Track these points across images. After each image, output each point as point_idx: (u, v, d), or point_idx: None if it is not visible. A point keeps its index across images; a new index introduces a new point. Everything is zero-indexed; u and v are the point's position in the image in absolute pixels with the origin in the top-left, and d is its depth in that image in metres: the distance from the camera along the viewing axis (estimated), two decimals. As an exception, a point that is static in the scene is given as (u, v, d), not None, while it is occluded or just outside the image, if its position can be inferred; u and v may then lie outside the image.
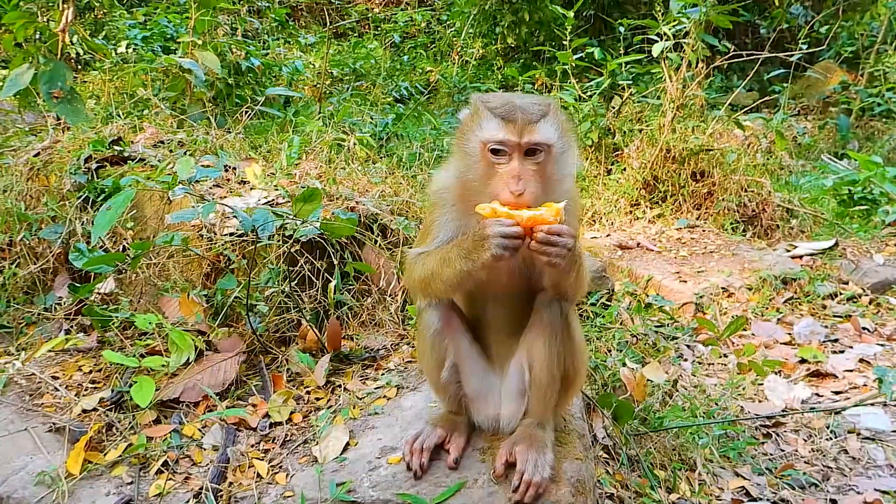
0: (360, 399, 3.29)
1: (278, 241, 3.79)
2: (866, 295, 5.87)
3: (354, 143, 4.81)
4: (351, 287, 4.04)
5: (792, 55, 8.73)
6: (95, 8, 10.85)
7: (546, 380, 2.61)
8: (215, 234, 4.03)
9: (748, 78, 9.40)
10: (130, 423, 3.14)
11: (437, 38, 14.91)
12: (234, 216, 4.00)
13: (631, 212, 7.61)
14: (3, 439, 3.01)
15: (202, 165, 4.08)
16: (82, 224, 4.50)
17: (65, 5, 6.76)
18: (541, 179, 2.38)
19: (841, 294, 5.86)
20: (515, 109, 2.37)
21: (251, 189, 4.39)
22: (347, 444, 2.94)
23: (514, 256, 2.33)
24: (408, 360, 3.62)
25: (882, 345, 5.13)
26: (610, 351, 4.16)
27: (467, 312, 2.81)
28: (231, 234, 3.95)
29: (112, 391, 3.29)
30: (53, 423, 3.10)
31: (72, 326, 4.14)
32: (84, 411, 3.19)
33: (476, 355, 2.80)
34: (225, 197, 4.20)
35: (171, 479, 2.85)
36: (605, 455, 3.44)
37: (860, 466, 3.78)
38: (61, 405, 3.27)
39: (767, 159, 7.97)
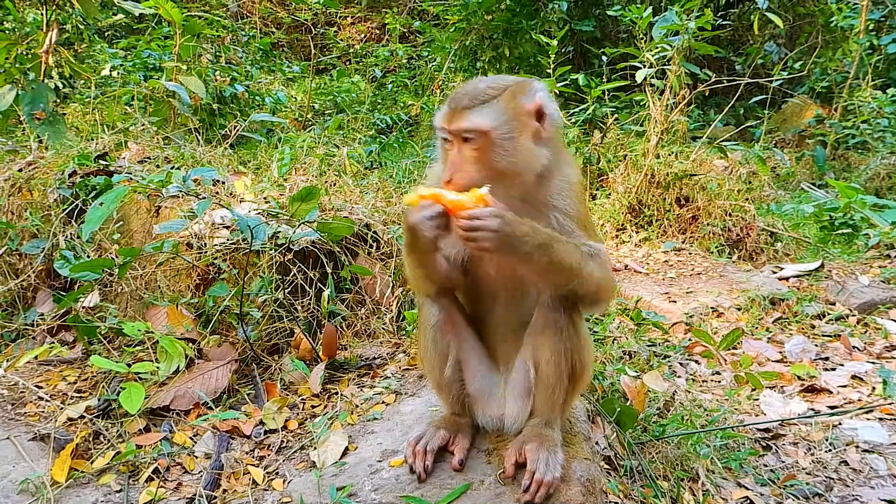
0: (358, 405, 3.19)
1: (271, 247, 3.71)
2: (853, 315, 5.87)
3: (347, 155, 4.78)
4: (345, 297, 3.96)
5: (772, 80, 8.90)
6: (75, 43, 10.82)
7: (553, 377, 2.54)
8: (205, 244, 3.94)
9: (724, 112, 9.57)
10: (118, 431, 3.01)
11: (418, 72, 15.02)
12: (225, 227, 3.94)
13: (617, 236, 7.62)
14: (-16, 448, 2.88)
15: (192, 180, 4.01)
16: (66, 238, 4.39)
17: (49, 27, 6.72)
18: (480, 166, 2.33)
19: (829, 314, 5.86)
20: (461, 95, 2.37)
21: (241, 201, 4.32)
22: (346, 448, 2.84)
23: (447, 230, 2.31)
24: (405, 367, 3.54)
25: (872, 363, 5.13)
26: (605, 363, 4.11)
27: (470, 310, 2.75)
28: (222, 244, 3.86)
29: (99, 399, 3.17)
30: (37, 432, 2.96)
31: (54, 341, 4.00)
32: (70, 420, 3.07)
33: (480, 353, 2.73)
34: (215, 209, 4.12)
35: (162, 486, 2.73)
36: (607, 465, 3.36)
37: (862, 477, 3.73)
38: (45, 414, 3.14)
39: (749, 185, 8.04)
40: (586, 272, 2.43)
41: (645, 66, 7.52)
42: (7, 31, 8.62)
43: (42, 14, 6.71)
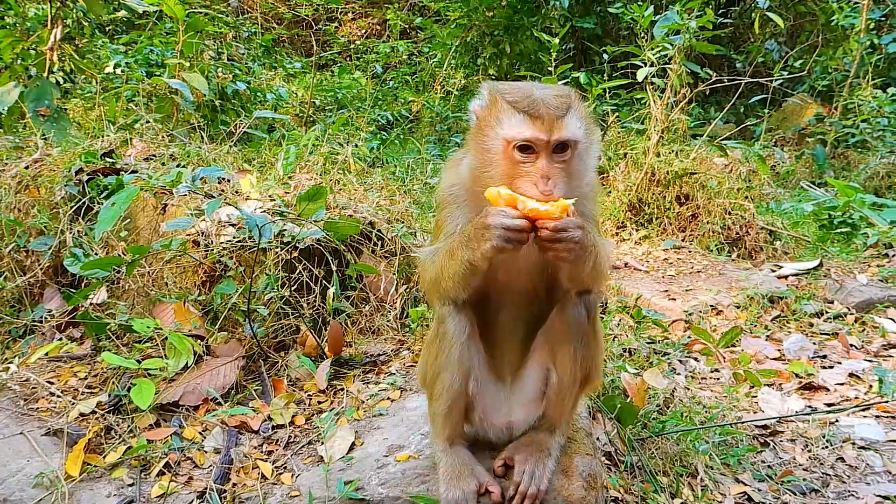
0: (364, 401, 3.25)
1: (277, 245, 3.77)
2: (851, 314, 5.93)
3: (351, 154, 4.83)
4: (349, 295, 4.02)
5: (773, 80, 8.95)
6: (76, 37, 10.83)
7: (568, 382, 2.53)
8: (211, 242, 3.99)
9: (725, 110, 9.62)
10: (129, 426, 3.07)
11: (419, 69, 15.06)
12: (231, 224, 3.99)
13: (617, 233, 7.68)
14: (-2, 442, 2.94)
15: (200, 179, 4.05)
16: (74, 235, 4.43)
17: (53, 24, 6.76)
18: (567, 176, 2.25)
19: (827, 312, 5.92)
20: (539, 103, 2.21)
21: (246, 199, 4.36)
22: (353, 444, 2.90)
23: (516, 250, 2.19)
24: (409, 364, 3.60)
25: (870, 361, 5.18)
26: (606, 360, 4.16)
27: (477, 319, 2.58)
28: (228, 241, 3.91)
29: (109, 395, 3.23)
30: (50, 427, 3.02)
31: (62, 337, 4.05)
32: (81, 415, 3.13)
33: (487, 364, 2.63)
34: (221, 206, 4.17)
35: (173, 480, 2.79)
36: (607, 461, 3.42)
37: (858, 473, 3.79)
38: (57, 409, 3.19)
39: (749, 184, 8.10)
40: (604, 271, 2.42)
41: (646, 65, 7.58)
42: (9, 27, 8.64)
43: (44, 9, 6.74)
